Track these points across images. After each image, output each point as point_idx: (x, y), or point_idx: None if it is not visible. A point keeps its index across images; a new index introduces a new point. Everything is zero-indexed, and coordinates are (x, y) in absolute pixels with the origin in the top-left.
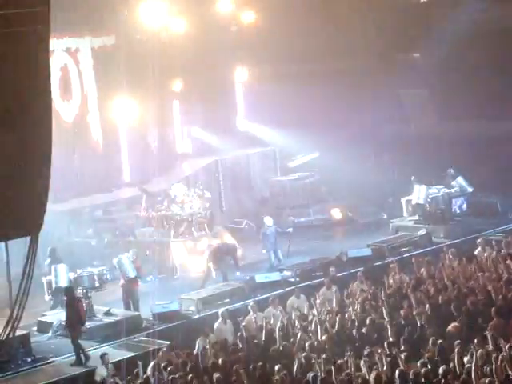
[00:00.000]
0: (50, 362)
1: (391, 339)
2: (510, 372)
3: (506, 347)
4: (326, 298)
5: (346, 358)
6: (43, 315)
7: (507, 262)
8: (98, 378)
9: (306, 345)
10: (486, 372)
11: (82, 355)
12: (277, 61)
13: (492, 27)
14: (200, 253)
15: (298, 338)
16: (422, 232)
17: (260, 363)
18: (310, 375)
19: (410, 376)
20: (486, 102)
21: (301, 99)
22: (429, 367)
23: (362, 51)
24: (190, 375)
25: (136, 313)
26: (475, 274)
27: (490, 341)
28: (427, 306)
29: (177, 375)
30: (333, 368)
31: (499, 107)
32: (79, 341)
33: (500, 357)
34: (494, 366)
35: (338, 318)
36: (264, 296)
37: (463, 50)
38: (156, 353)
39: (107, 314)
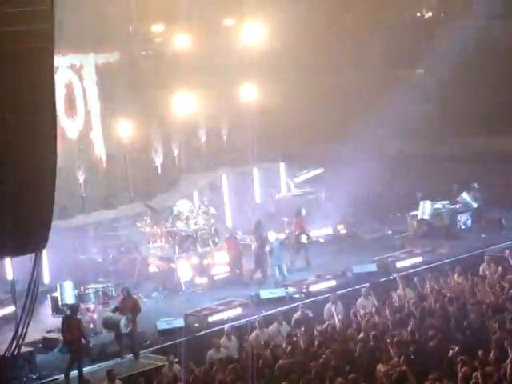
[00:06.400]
0: (54, 379)
1: (396, 355)
2: None
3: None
4: (330, 313)
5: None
6: (48, 332)
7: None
8: None
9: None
10: None
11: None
12: (283, 77)
13: (495, 43)
14: (205, 269)
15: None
16: (428, 248)
17: (266, 380)
18: None
19: None
20: (489, 117)
21: (306, 115)
22: None
23: (367, 67)
24: None
25: (141, 330)
26: (481, 290)
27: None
28: (430, 321)
29: None
30: None
31: (502, 123)
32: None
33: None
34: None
35: (342, 334)
36: (269, 312)
37: (467, 65)
38: (160, 369)
39: None
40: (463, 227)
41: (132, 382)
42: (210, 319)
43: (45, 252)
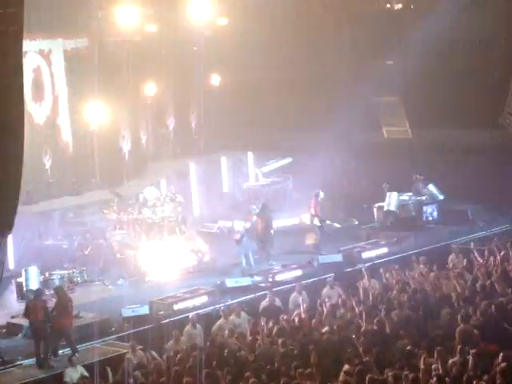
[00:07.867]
0: (18, 365)
1: (361, 347)
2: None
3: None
4: (295, 303)
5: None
6: (13, 317)
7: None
8: (67, 380)
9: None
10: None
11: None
12: (250, 68)
13: (465, 35)
14: (171, 257)
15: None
16: (393, 239)
17: (230, 369)
18: None
19: None
20: (457, 110)
21: (274, 106)
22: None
23: (336, 58)
24: (162, 379)
25: (106, 316)
26: (445, 282)
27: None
28: (395, 312)
29: (149, 379)
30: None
31: (470, 116)
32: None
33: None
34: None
35: (306, 325)
36: (235, 301)
37: (436, 57)
38: (125, 356)
39: (77, 317)
40: (430, 219)
41: (97, 368)
42: (176, 307)
43: (10, 237)
